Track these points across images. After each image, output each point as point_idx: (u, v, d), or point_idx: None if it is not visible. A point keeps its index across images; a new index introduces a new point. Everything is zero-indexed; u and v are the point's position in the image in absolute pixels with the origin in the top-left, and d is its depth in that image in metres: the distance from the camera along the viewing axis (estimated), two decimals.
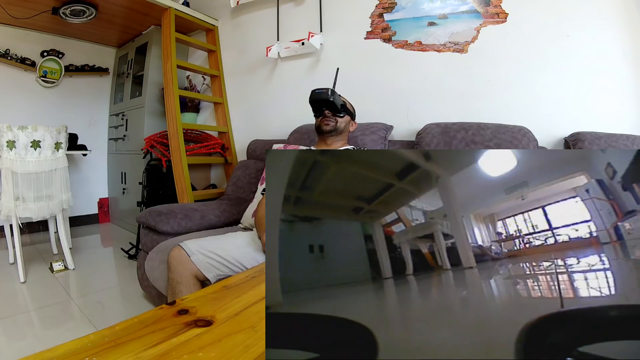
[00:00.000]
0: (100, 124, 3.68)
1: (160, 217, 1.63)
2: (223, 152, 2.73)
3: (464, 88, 1.87)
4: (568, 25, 1.64)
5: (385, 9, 2.06)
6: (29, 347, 1.40)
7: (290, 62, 2.45)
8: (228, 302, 0.56)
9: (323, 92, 1.44)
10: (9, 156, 2.01)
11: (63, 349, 0.40)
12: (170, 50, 2.42)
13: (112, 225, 3.63)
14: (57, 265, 2.17)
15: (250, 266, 1.18)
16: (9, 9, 2.62)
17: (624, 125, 1.54)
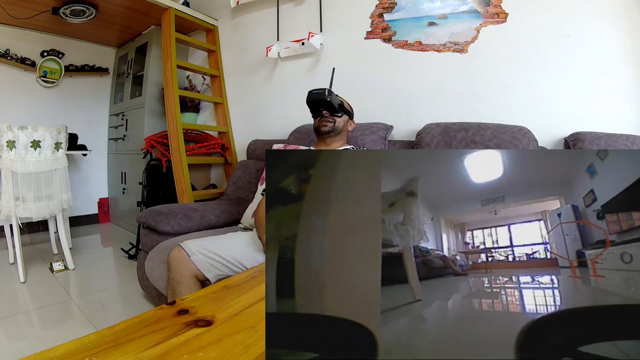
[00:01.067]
0: (100, 124, 3.68)
1: (160, 217, 1.63)
2: (223, 152, 2.73)
3: (464, 88, 1.87)
4: (568, 26, 1.64)
5: (385, 9, 2.06)
6: (29, 347, 1.40)
7: (290, 62, 2.45)
8: (228, 302, 0.56)
9: (320, 93, 1.44)
10: (9, 156, 2.01)
11: (63, 349, 0.40)
12: (170, 50, 2.42)
13: (112, 225, 3.63)
14: (57, 265, 2.17)
15: (250, 266, 1.18)
16: (9, 9, 2.62)
17: (624, 125, 1.54)
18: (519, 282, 0.40)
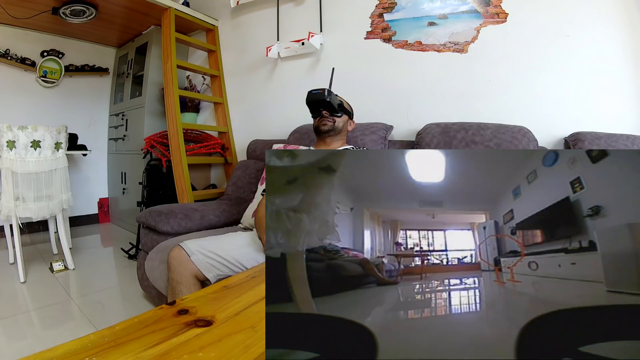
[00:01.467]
0: (100, 124, 3.68)
1: (160, 217, 1.63)
2: (223, 152, 2.73)
3: (464, 88, 1.87)
4: (568, 26, 1.64)
5: (385, 9, 2.06)
6: (29, 347, 1.40)
7: (290, 62, 2.45)
8: (228, 302, 0.56)
9: (319, 93, 1.44)
10: (9, 156, 2.01)
11: (63, 349, 0.40)
12: (170, 50, 2.42)
13: (112, 225, 3.63)
14: (57, 265, 2.17)
15: (250, 266, 1.18)
16: (9, 9, 2.62)
17: (624, 125, 1.54)
18: (449, 284, 0.41)
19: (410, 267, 0.40)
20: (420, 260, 0.40)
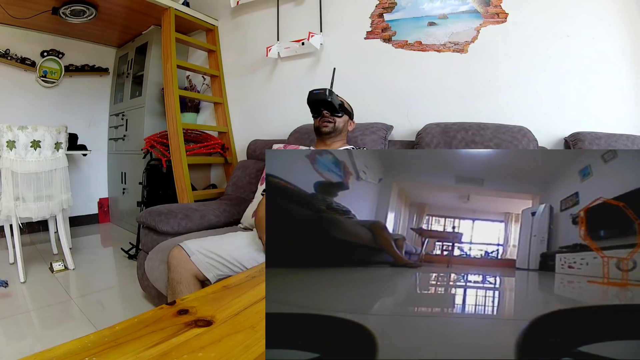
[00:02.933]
0: (100, 124, 3.67)
1: (160, 217, 1.63)
2: (223, 152, 2.73)
3: (464, 88, 1.87)
4: (568, 26, 1.64)
5: (385, 9, 2.06)
6: (29, 347, 1.40)
7: (290, 62, 2.45)
8: (228, 302, 0.56)
9: (321, 93, 1.44)
10: (9, 156, 2.01)
11: (63, 349, 0.40)
12: (170, 50, 2.42)
13: (112, 225, 3.63)
14: (57, 265, 2.17)
15: (250, 266, 1.18)
16: (9, 9, 2.62)
17: (624, 125, 1.54)
18: (484, 280, 0.34)
19: (433, 255, 0.33)
20: (451, 246, 0.32)
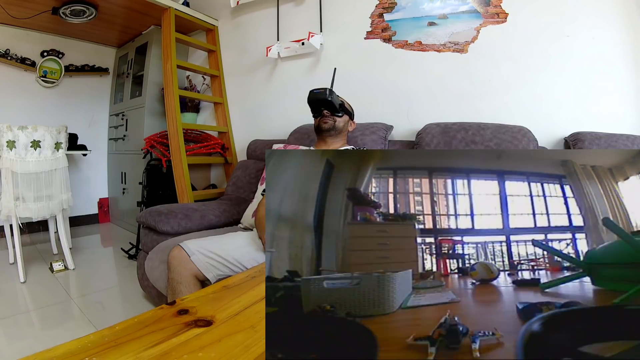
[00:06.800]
0: (100, 124, 3.67)
1: (160, 217, 1.63)
2: (223, 152, 2.73)
3: (464, 88, 1.87)
4: (568, 26, 1.64)
5: (385, 9, 2.06)
6: (29, 347, 1.40)
7: (290, 62, 2.45)
8: (228, 302, 0.56)
9: (321, 92, 1.44)
10: (9, 156, 2.01)
11: (63, 349, 0.40)
12: (170, 50, 2.42)
13: (112, 225, 3.63)
14: (57, 265, 2.17)
15: (250, 266, 1.18)
16: (9, 9, 2.62)
17: (624, 125, 1.54)
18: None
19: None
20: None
